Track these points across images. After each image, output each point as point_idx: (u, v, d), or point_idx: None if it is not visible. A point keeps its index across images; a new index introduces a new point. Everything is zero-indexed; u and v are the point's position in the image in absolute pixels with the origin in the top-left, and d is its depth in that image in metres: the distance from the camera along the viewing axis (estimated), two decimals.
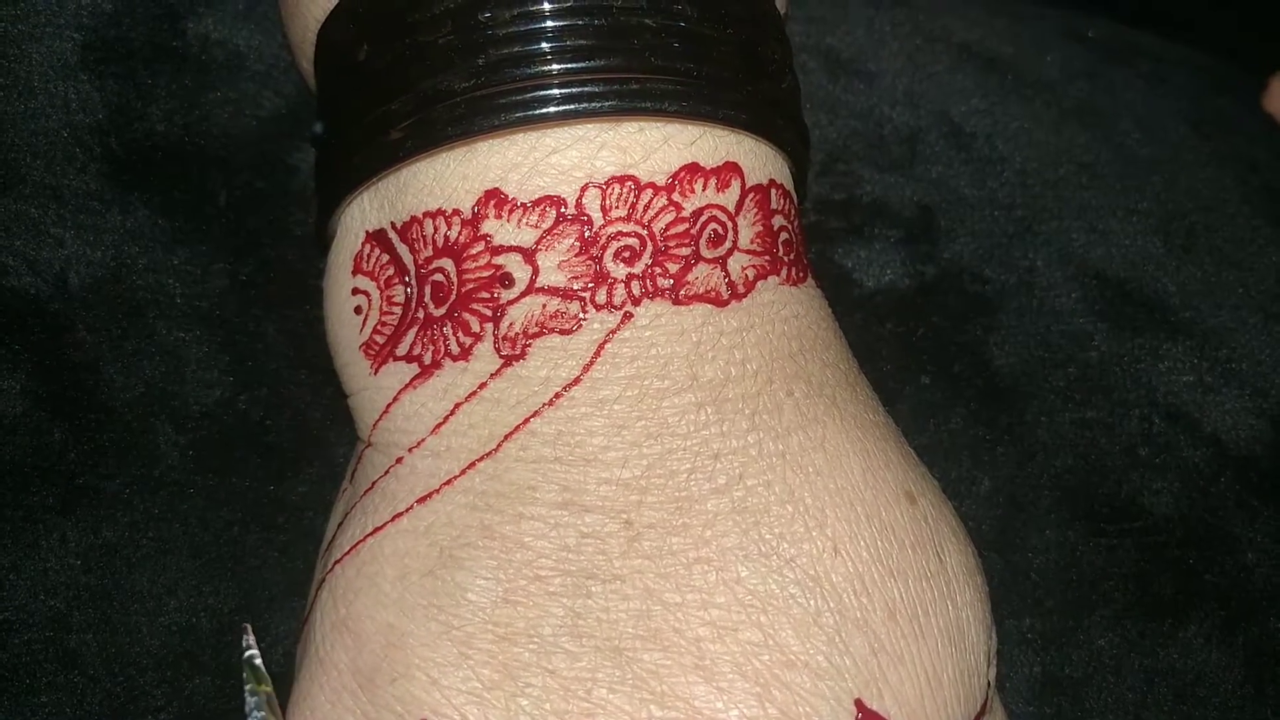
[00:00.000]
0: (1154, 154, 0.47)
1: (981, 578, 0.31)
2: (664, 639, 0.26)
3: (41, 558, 0.34)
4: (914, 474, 0.30)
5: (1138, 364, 0.42)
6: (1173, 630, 0.39)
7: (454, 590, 0.27)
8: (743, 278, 0.29)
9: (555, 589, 0.27)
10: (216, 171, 0.38)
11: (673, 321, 0.29)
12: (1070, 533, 0.40)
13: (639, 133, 0.29)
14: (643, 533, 0.27)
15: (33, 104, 0.37)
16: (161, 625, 0.34)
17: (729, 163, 0.29)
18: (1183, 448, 0.41)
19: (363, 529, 0.29)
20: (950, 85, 0.47)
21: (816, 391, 0.30)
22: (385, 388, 0.30)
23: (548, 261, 0.28)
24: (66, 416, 0.35)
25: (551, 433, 0.28)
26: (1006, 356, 0.42)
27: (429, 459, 0.29)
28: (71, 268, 0.37)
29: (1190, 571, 0.40)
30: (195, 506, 0.36)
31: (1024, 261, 0.43)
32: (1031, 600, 0.39)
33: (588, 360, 0.28)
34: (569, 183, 0.28)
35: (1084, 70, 0.49)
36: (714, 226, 0.29)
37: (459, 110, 0.28)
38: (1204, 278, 0.45)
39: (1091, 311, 0.43)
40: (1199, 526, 0.40)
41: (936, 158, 0.45)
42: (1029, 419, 0.41)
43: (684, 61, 0.29)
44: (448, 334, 0.29)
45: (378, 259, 0.30)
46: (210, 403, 0.37)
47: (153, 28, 0.39)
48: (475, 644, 0.27)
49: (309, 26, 0.32)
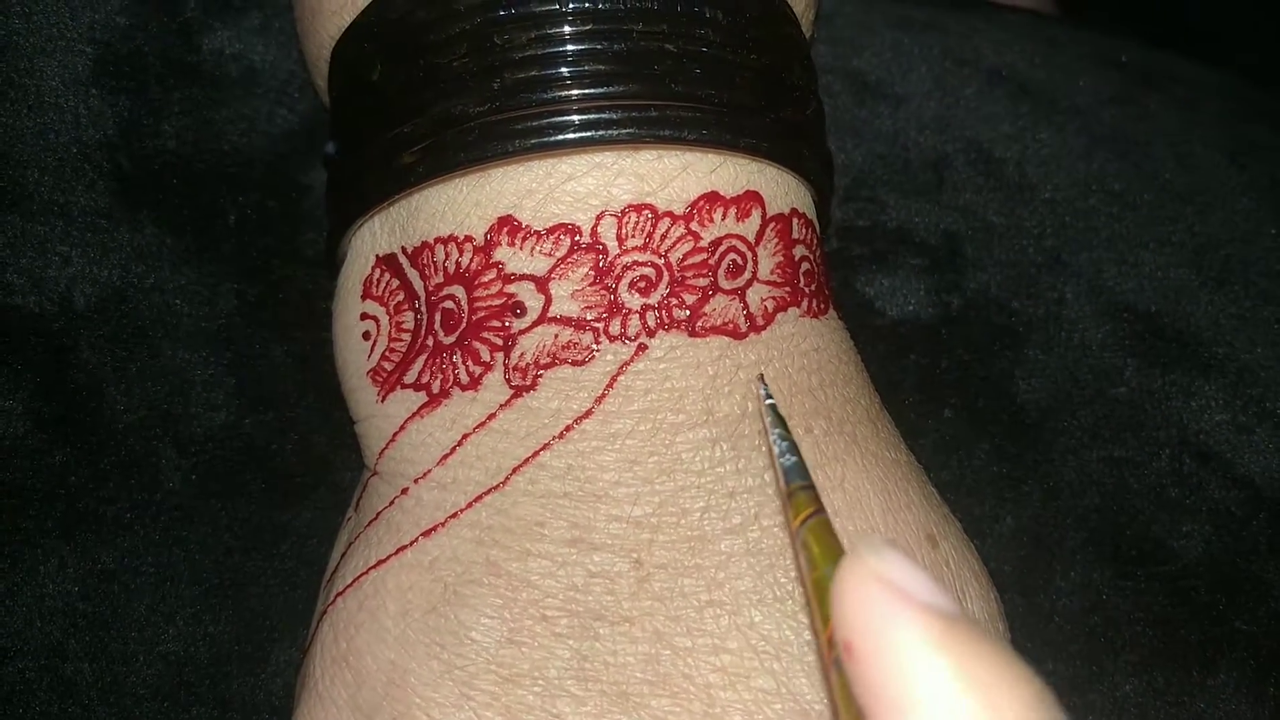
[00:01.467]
0: (1188, 183, 0.46)
1: (1004, 624, 0.30)
2: (673, 685, 0.26)
3: (39, 583, 0.34)
4: (936, 515, 0.30)
5: (1169, 401, 0.42)
6: (1200, 679, 0.38)
7: (457, 629, 0.27)
8: (762, 309, 0.29)
9: (562, 630, 0.26)
10: (227, 190, 0.38)
11: (688, 354, 0.28)
12: (1096, 575, 0.39)
13: (657, 160, 0.28)
14: (653, 573, 0.27)
15: (42, 119, 0.37)
16: (159, 654, 0.34)
17: (749, 191, 0.29)
18: (1214, 489, 0.41)
19: (366, 561, 0.29)
20: (979, 110, 0.46)
21: (836, 428, 0.29)
22: (392, 416, 0.29)
23: (561, 291, 0.28)
24: (68, 439, 0.35)
25: (561, 467, 0.27)
26: (1033, 391, 0.41)
27: (435, 491, 0.28)
28: (77, 286, 0.36)
29: (1220, 618, 0.39)
30: (197, 532, 0.35)
31: (1052, 293, 0.43)
32: (1054, 644, 0.38)
33: (600, 392, 0.28)
34: (584, 210, 0.28)
35: (1117, 96, 0.48)
36: (733, 257, 0.29)
37: (473, 135, 0.28)
38: (1238, 312, 0.44)
39: (1121, 346, 0.42)
40: (1229, 571, 0.39)
41: (964, 184, 0.44)
42: (1055, 456, 0.40)
43: (705, 88, 0.28)
44: (457, 362, 0.28)
45: (388, 284, 0.30)
46: (215, 426, 0.36)
47: (167, 43, 0.39)
48: (478, 685, 0.26)
49: (323, 44, 0.31)
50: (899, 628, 0.17)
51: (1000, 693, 0.17)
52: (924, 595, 0.17)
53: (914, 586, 0.18)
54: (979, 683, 0.17)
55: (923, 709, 0.17)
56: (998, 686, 0.17)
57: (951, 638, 0.17)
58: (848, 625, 0.18)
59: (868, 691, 0.17)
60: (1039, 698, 0.17)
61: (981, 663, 0.17)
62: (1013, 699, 0.17)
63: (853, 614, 0.18)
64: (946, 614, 0.17)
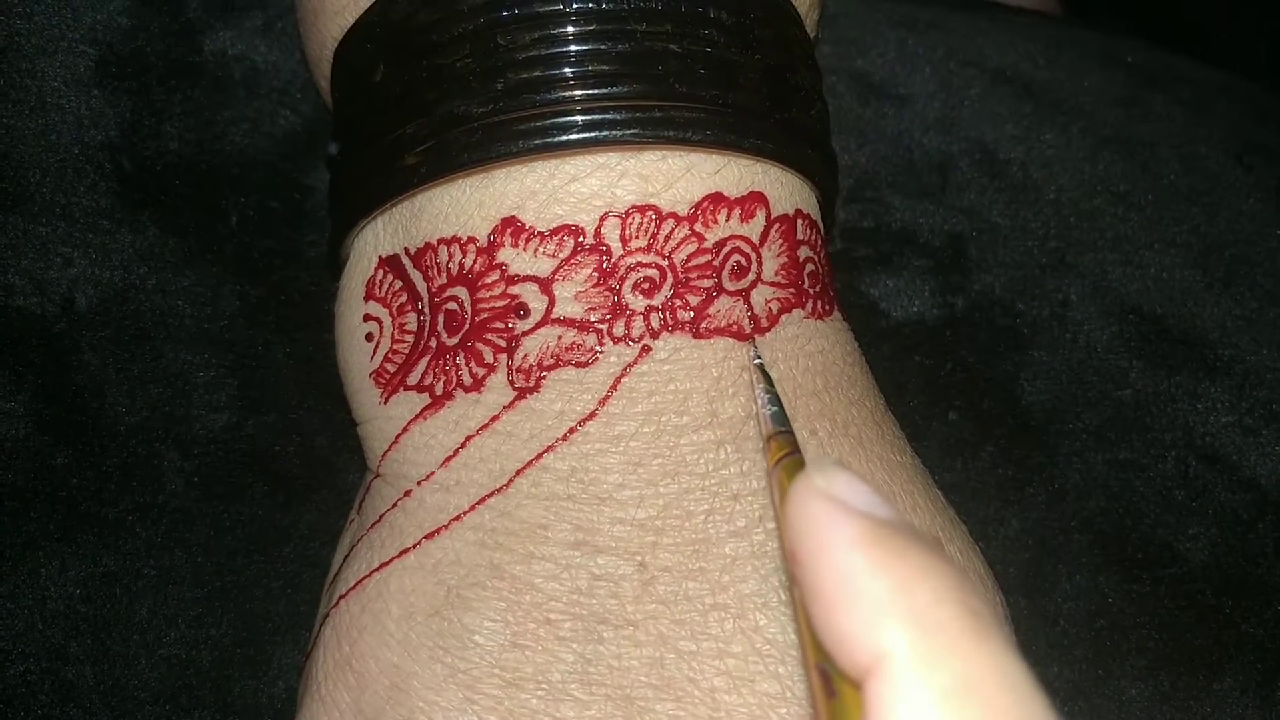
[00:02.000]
0: (1193, 184, 0.46)
1: (1009, 627, 0.30)
2: (677, 689, 0.26)
3: (40, 586, 0.34)
4: (941, 518, 0.30)
5: (1174, 403, 0.41)
6: (1207, 683, 0.38)
7: (460, 632, 0.27)
8: (766, 311, 0.29)
9: (565, 633, 0.26)
10: (229, 191, 0.38)
11: (693, 356, 0.28)
12: (1101, 578, 0.39)
13: (661, 161, 0.28)
14: (657, 576, 0.27)
15: (44, 120, 0.37)
16: (161, 657, 0.34)
17: (754, 192, 0.29)
18: (1220, 491, 0.40)
19: (369, 564, 0.29)
20: (984, 111, 0.46)
21: (841, 430, 0.29)
22: (395, 418, 0.29)
23: (564, 292, 0.28)
24: (70, 440, 0.35)
25: (565, 469, 0.27)
26: (1038, 393, 0.41)
27: (438, 493, 0.28)
28: (79, 288, 0.36)
29: (1226, 621, 0.39)
30: (199, 534, 0.35)
31: (1057, 294, 0.43)
32: (1060, 648, 0.38)
33: (604, 394, 0.28)
34: (588, 211, 0.28)
35: (1122, 97, 0.48)
36: (737, 258, 0.28)
37: (476, 136, 0.27)
38: (1244, 314, 0.44)
39: (1127, 348, 0.42)
40: (1236, 574, 0.39)
41: (968, 185, 0.44)
42: (1060, 459, 0.40)
43: (709, 88, 0.28)
44: (460, 364, 0.28)
45: (390, 285, 0.29)
46: (217, 428, 0.36)
47: (169, 43, 0.39)
48: (481, 689, 0.26)
49: (326, 45, 0.31)
50: (832, 531, 0.19)
51: (915, 581, 0.18)
52: (860, 504, 0.19)
53: (853, 497, 0.19)
54: (893, 572, 0.18)
55: (846, 602, 0.18)
56: (913, 577, 0.18)
57: (876, 535, 0.18)
58: (792, 535, 0.19)
59: (807, 592, 0.19)
60: (957, 582, 0.18)
61: (900, 557, 0.18)
62: (927, 585, 0.18)
63: (796, 524, 0.19)
64: (879, 518, 0.19)
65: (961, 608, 0.18)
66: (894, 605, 0.18)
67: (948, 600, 0.18)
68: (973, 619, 0.18)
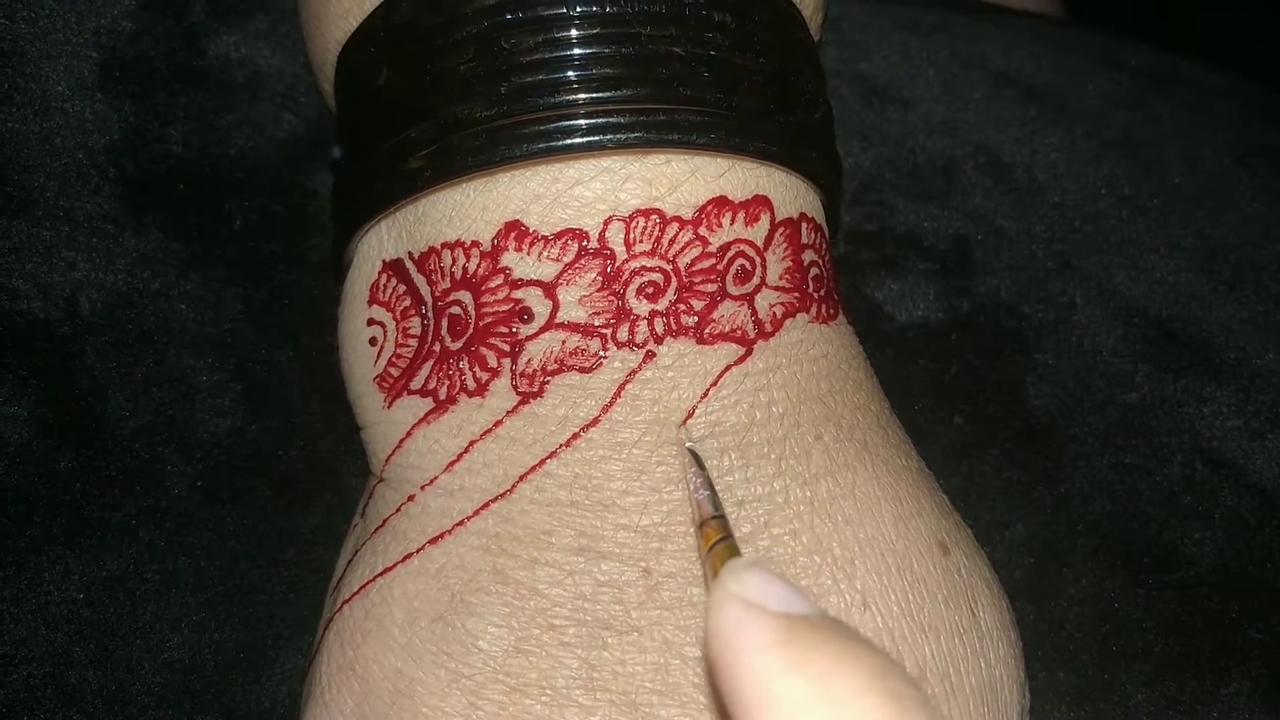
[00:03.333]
0: (1198, 187, 0.46)
1: (1015, 633, 0.30)
2: (682, 695, 0.26)
3: (43, 590, 0.33)
4: (947, 522, 0.30)
5: (1180, 407, 0.41)
6: (1214, 688, 0.38)
7: (464, 637, 0.27)
8: (770, 315, 0.29)
9: (570, 639, 0.26)
10: (233, 195, 0.38)
11: (696, 361, 0.28)
12: (1107, 582, 0.39)
13: (665, 164, 0.28)
14: (662, 582, 0.27)
15: (48, 124, 0.37)
16: (164, 662, 0.34)
17: (758, 196, 0.29)
18: (1226, 495, 0.40)
19: (372, 569, 0.28)
20: (988, 114, 0.46)
21: (846, 435, 0.29)
22: (399, 422, 0.29)
23: (568, 296, 0.28)
24: (73, 445, 0.35)
25: (568, 475, 0.27)
26: (1043, 397, 0.41)
27: (442, 498, 0.28)
28: (82, 292, 0.36)
29: (1233, 626, 0.38)
30: (202, 539, 0.35)
31: (1062, 297, 0.42)
32: (1065, 652, 0.38)
33: (607, 400, 0.27)
34: (592, 215, 0.28)
35: (1126, 99, 0.48)
36: (741, 262, 0.28)
37: (480, 139, 0.27)
38: (1250, 317, 0.44)
39: (1132, 351, 0.42)
40: (1242, 578, 0.39)
41: (973, 188, 0.44)
42: (1066, 462, 0.40)
43: (713, 92, 0.28)
44: (464, 368, 0.28)
45: (394, 289, 0.29)
46: (220, 432, 0.36)
47: (173, 47, 0.39)
48: (485, 694, 0.26)
49: (329, 49, 0.31)
50: (746, 636, 0.19)
51: (833, 676, 0.18)
52: (776, 604, 0.19)
53: (768, 598, 0.19)
54: (810, 668, 0.18)
55: (766, 707, 0.18)
56: (831, 671, 0.18)
57: (791, 633, 0.18)
58: (710, 645, 0.19)
59: (728, 700, 0.19)
60: (878, 667, 0.18)
61: (817, 651, 0.18)
62: (846, 676, 0.18)
63: (713, 634, 0.19)
64: (794, 615, 0.19)
65: (883, 695, 0.18)
66: (811, 703, 0.18)
67: (868, 689, 0.18)
68: (895, 704, 0.18)
